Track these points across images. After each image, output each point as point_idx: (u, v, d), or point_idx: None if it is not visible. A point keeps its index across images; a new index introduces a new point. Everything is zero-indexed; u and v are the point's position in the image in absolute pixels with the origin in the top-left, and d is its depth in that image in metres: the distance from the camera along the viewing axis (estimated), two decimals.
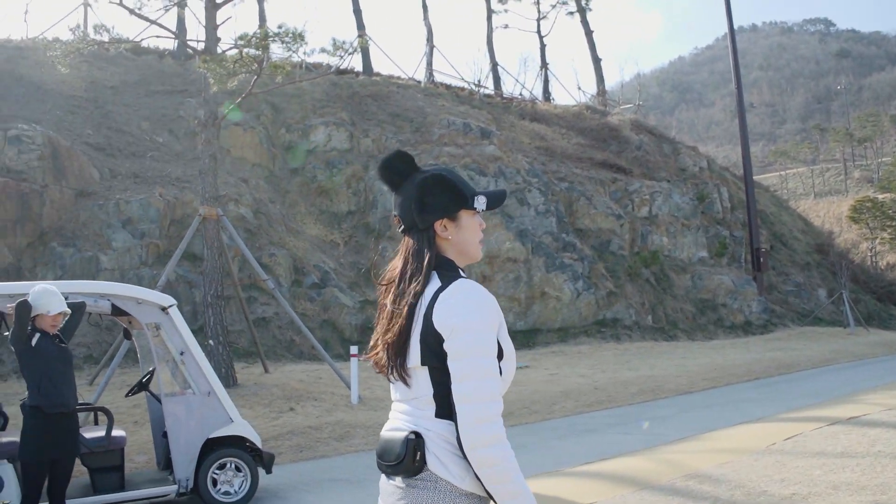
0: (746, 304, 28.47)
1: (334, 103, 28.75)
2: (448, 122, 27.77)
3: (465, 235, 2.45)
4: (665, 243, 29.12)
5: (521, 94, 40.11)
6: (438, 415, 2.28)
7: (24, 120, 21.06)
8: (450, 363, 2.23)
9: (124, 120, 25.01)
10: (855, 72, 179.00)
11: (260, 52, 14.61)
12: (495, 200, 2.51)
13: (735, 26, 35.06)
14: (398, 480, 2.30)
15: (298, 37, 14.54)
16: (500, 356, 2.30)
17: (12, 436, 6.89)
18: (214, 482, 7.88)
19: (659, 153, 35.06)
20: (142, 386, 8.66)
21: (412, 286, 2.35)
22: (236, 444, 8.10)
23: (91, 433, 7.97)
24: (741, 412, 11.72)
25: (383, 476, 2.38)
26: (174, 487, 7.72)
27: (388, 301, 2.42)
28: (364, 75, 33.75)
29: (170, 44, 30.64)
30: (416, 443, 2.24)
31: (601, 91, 44.51)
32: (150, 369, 8.41)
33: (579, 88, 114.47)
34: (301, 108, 28.06)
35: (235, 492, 7.96)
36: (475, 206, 2.45)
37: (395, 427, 2.36)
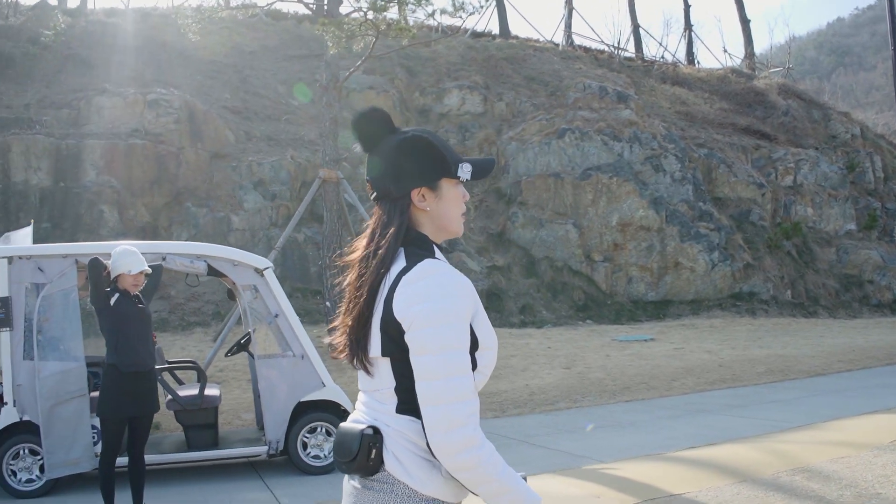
0: None
1: (469, 67, 28.48)
2: (584, 85, 27.08)
3: (445, 207, 2.18)
4: (809, 214, 27.63)
5: (662, 58, 38.86)
6: (400, 410, 2.02)
7: (165, 85, 21.69)
8: (412, 359, 1.97)
9: (262, 84, 25.48)
10: None
11: (378, 15, 14.45)
12: (481, 170, 2.24)
13: None
14: (356, 480, 2.08)
15: None
16: (474, 347, 2.03)
17: None
18: (304, 445, 7.87)
19: (808, 119, 33.27)
20: (240, 346, 8.72)
21: (375, 264, 2.08)
22: (328, 408, 8.05)
23: (186, 391, 8.08)
24: (874, 400, 10.91)
25: (346, 475, 2.14)
26: (265, 448, 7.73)
27: (352, 279, 2.15)
28: (501, 38, 33.32)
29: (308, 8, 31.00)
30: (371, 439, 1.99)
31: (749, 53, 42.58)
32: (249, 330, 8.43)
33: (725, 51, 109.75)
34: (435, 71, 27.93)
35: (325, 456, 7.92)
36: (459, 174, 2.18)
37: (355, 419, 2.12)
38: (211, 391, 8.12)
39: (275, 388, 7.80)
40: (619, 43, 36.44)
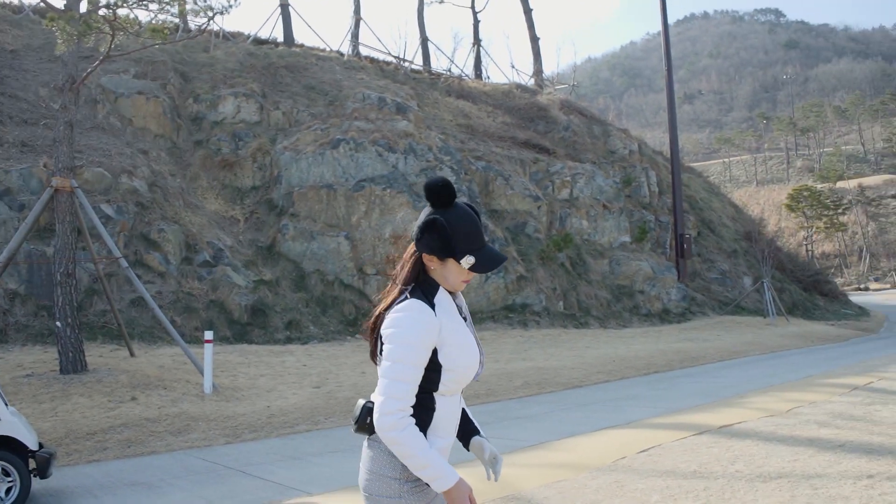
0: (665, 292, 27.75)
1: (247, 74, 27.48)
2: (363, 95, 26.59)
3: (445, 273, 2.64)
4: (584, 227, 28.26)
5: (450, 71, 39.01)
6: None
7: None
8: (381, 361, 2.58)
9: (20, 86, 23.46)
10: (802, 62, 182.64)
11: (112, 12, 13.32)
12: (485, 264, 2.60)
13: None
14: (364, 440, 2.68)
15: None
16: (436, 368, 2.58)
17: None
18: None
19: (588, 135, 34.20)
20: None
21: (390, 291, 2.69)
22: (4, 445, 7.04)
23: None
24: (618, 413, 10.83)
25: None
26: None
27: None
28: (284, 46, 32.43)
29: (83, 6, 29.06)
30: (369, 410, 2.60)
31: (537, 70, 43.58)
32: None
33: (513, 67, 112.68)
34: (212, 77, 26.75)
35: (2, 499, 6.90)
36: (460, 261, 2.59)
37: (367, 397, 2.70)
38: None
39: None
40: (405, 54, 36.12)
